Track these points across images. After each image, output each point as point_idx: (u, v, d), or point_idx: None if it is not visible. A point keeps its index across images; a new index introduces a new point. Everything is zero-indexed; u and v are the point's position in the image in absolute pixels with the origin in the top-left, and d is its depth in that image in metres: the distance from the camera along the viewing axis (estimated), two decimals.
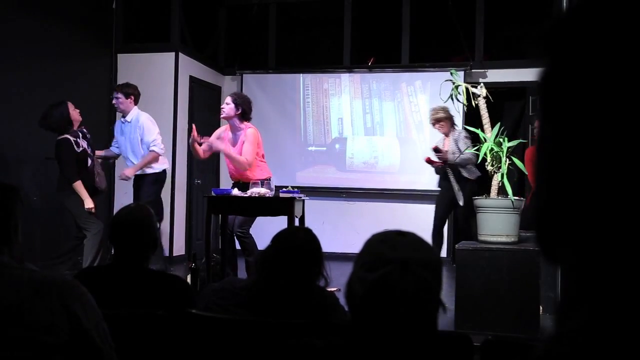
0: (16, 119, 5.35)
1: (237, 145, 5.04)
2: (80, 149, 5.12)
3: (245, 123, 5.06)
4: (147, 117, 5.56)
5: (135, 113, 5.55)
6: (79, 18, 6.57)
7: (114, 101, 5.58)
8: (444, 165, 5.65)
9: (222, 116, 5.06)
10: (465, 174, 5.59)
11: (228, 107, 4.96)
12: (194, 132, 4.98)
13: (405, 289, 1.15)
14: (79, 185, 5.01)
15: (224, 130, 5.19)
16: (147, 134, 5.48)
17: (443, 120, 5.67)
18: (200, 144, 5.03)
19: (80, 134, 5.15)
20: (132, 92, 5.57)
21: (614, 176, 0.63)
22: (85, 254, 5.05)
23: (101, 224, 5.13)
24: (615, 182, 0.63)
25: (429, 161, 5.66)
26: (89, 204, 5.04)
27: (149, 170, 5.55)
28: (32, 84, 5.82)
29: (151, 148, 5.47)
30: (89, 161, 5.20)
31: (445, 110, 5.60)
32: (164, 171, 5.70)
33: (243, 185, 4.95)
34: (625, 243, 0.63)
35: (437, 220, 5.85)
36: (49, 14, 6.11)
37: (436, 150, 5.65)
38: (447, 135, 5.74)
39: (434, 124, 5.77)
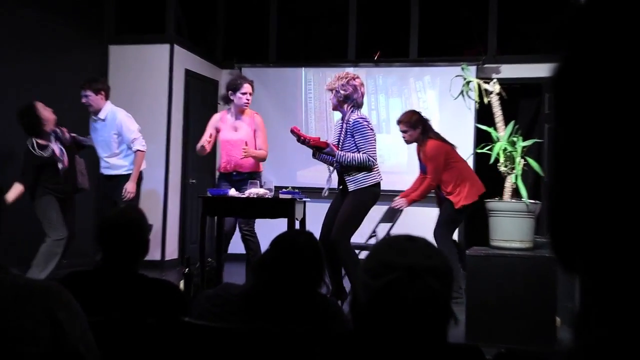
0: (4, 113, 5.35)
1: (242, 130, 5.21)
2: (48, 152, 5.00)
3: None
4: (124, 114, 5.44)
5: (108, 109, 5.40)
6: (68, 8, 6.58)
7: (83, 100, 5.34)
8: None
9: (248, 106, 5.23)
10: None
11: (252, 97, 5.20)
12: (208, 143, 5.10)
13: (413, 298, 1.14)
14: (15, 187, 4.87)
15: (219, 118, 5.30)
16: (126, 132, 5.38)
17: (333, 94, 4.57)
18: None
19: (52, 135, 5.05)
20: (102, 87, 5.40)
21: (633, 182, 0.62)
22: (37, 260, 4.90)
23: (66, 231, 5.04)
24: (634, 188, 0.62)
25: (295, 132, 4.57)
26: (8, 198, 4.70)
27: (123, 170, 5.41)
28: (20, 77, 5.82)
29: (135, 148, 5.37)
30: (60, 165, 5.06)
31: (348, 79, 4.54)
32: (141, 172, 5.55)
33: (236, 181, 5.07)
34: None
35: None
36: (38, 4, 6.12)
37: (318, 148, 4.55)
38: (335, 108, 4.68)
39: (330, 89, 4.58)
